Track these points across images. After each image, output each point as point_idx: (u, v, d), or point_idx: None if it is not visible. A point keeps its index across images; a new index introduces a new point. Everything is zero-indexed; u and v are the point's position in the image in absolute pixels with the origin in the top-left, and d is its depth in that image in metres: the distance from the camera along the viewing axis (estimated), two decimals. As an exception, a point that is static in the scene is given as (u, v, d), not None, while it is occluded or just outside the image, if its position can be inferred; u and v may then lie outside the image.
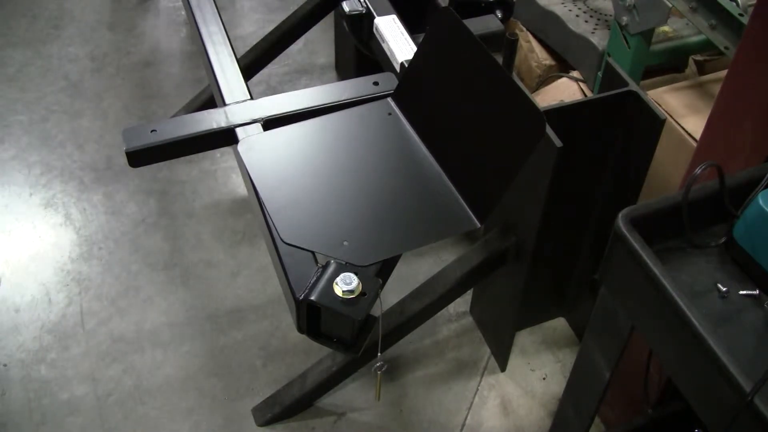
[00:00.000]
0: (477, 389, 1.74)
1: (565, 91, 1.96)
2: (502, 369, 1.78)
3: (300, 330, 1.03)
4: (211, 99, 1.59)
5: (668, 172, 1.57)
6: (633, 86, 1.34)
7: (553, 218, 1.44)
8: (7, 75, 2.43)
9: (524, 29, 2.10)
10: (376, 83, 1.31)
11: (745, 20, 1.40)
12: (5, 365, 1.71)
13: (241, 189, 2.13)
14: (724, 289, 0.89)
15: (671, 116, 1.61)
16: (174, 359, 1.75)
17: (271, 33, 2.04)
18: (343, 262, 0.98)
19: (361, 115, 1.18)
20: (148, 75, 2.48)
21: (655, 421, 1.29)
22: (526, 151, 0.97)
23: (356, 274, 0.97)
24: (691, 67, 1.93)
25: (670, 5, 1.54)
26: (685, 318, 0.80)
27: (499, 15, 1.57)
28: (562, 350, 1.82)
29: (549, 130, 1.27)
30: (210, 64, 1.41)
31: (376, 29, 1.51)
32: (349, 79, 1.34)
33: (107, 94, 2.39)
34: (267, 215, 1.04)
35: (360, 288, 0.96)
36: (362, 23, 1.57)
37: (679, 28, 1.82)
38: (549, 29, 2.03)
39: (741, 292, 0.90)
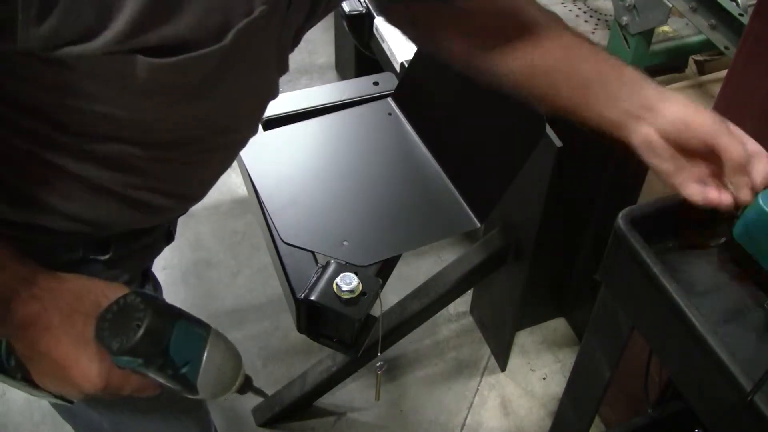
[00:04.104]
0: (477, 389, 1.74)
1: (565, 91, 1.96)
2: (502, 369, 1.78)
3: (300, 330, 1.03)
4: (211, 99, 1.59)
5: (668, 172, 1.57)
6: (633, 86, 1.33)
7: (553, 218, 1.44)
8: (7, 75, 2.43)
9: (524, 29, 2.10)
10: (376, 83, 1.31)
11: (745, 20, 1.40)
12: (5, 365, 1.71)
13: (241, 189, 2.13)
14: None
15: (671, 116, 1.61)
16: (174, 359, 1.75)
17: (271, 33, 2.04)
18: (343, 262, 0.98)
19: (361, 115, 1.18)
20: (148, 75, 2.47)
21: (655, 421, 1.29)
22: (526, 152, 0.97)
23: (356, 274, 0.97)
24: (691, 67, 1.93)
25: (670, 5, 1.54)
26: (685, 318, 0.80)
27: (499, 15, 1.56)
28: (562, 350, 1.82)
29: (549, 130, 1.27)
30: (210, 64, 1.41)
31: (376, 29, 1.51)
32: (349, 79, 1.34)
33: (107, 94, 2.39)
34: (267, 215, 1.04)
35: (360, 288, 0.96)
36: (362, 23, 1.57)
37: (679, 28, 1.82)
38: (549, 29, 2.02)
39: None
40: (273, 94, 0.78)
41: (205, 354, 0.67)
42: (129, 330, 0.61)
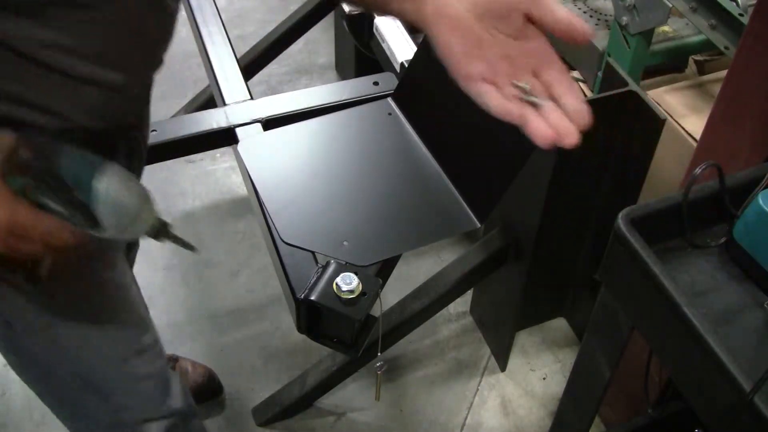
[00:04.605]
0: (477, 389, 1.74)
1: (565, 91, 1.96)
2: (502, 369, 1.78)
3: (300, 330, 1.03)
4: (211, 99, 1.59)
5: (668, 172, 1.57)
6: (633, 86, 1.34)
7: (553, 218, 1.44)
8: (7, 75, 2.43)
9: (524, 29, 2.10)
10: (376, 83, 1.31)
11: (745, 20, 1.40)
12: (5, 365, 1.71)
13: (241, 189, 2.13)
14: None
15: (671, 116, 1.61)
16: (174, 359, 1.75)
17: (271, 33, 2.04)
18: (343, 262, 0.98)
19: (361, 115, 1.18)
20: (148, 75, 2.47)
21: (655, 421, 1.29)
22: (527, 152, 0.96)
23: (356, 274, 0.97)
24: (691, 67, 1.93)
25: (670, 5, 1.54)
26: (685, 318, 0.80)
27: (499, 15, 1.56)
28: (562, 350, 1.82)
29: (549, 130, 1.27)
30: (210, 64, 1.41)
31: (376, 29, 1.51)
32: (349, 79, 1.34)
33: (107, 94, 2.39)
34: (267, 215, 1.04)
35: (360, 288, 0.96)
36: (362, 23, 1.57)
37: (679, 28, 1.82)
38: (549, 29, 2.02)
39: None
40: None
41: (100, 180, 0.68)
42: (17, 154, 0.65)
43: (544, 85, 0.68)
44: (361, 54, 1.76)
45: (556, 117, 0.67)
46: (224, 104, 1.31)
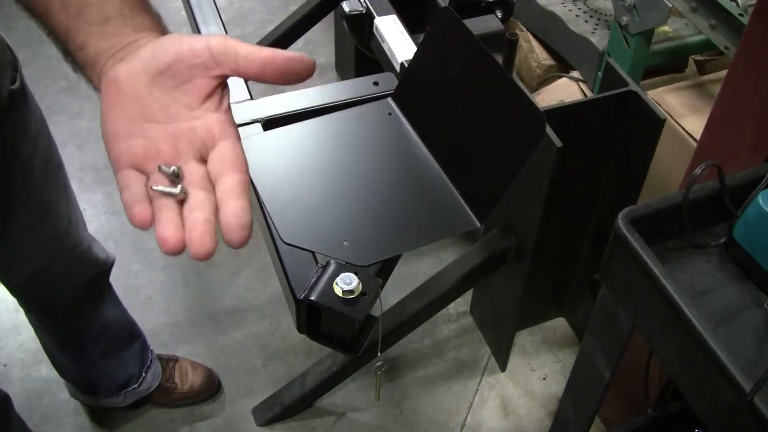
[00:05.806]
0: (477, 389, 1.74)
1: (565, 91, 1.96)
2: (502, 369, 1.78)
3: (300, 330, 1.03)
4: (211, 99, 1.59)
5: (668, 172, 1.57)
6: (633, 86, 1.34)
7: (553, 218, 1.44)
8: (7, 75, 2.43)
9: (524, 29, 2.10)
10: (376, 83, 1.31)
11: (745, 20, 1.40)
12: (5, 365, 1.71)
13: (241, 189, 2.13)
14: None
15: (671, 116, 1.61)
16: (174, 359, 1.75)
17: (271, 33, 2.04)
18: (343, 262, 0.98)
19: (361, 115, 1.18)
20: (148, 75, 2.47)
21: (655, 421, 1.29)
22: (527, 151, 0.96)
23: (356, 274, 0.97)
24: (691, 67, 1.93)
25: (670, 5, 1.54)
26: (685, 318, 0.80)
27: (499, 15, 1.57)
28: (562, 350, 1.82)
29: (549, 130, 1.27)
30: (210, 64, 1.41)
31: (376, 29, 1.51)
32: (349, 79, 1.34)
33: (107, 94, 2.38)
34: (267, 215, 1.04)
35: (360, 288, 0.96)
36: (362, 23, 1.57)
37: (679, 28, 1.82)
38: (549, 29, 2.03)
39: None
40: None
41: None
42: None
43: (209, 173, 0.55)
44: (361, 54, 1.75)
45: (195, 219, 0.52)
46: (224, 104, 1.31)
